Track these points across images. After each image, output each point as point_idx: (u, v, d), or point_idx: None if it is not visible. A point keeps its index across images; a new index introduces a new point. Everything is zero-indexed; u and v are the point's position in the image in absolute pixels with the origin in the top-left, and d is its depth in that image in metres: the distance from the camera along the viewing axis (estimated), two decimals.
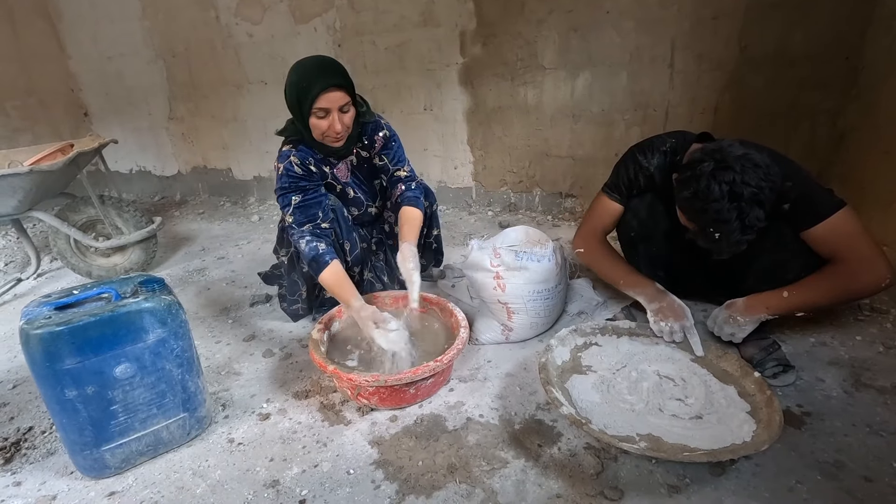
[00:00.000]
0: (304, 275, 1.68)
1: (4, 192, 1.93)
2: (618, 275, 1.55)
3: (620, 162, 1.53)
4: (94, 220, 2.37)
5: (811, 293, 1.29)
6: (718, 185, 1.13)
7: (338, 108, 1.42)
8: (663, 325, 1.40)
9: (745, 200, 1.12)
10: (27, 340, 1.04)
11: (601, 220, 1.59)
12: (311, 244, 1.47)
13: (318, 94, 1.37)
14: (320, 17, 2.93)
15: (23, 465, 1.25)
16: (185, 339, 1.22)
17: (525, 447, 1.19)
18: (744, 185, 1.12)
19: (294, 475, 1.15)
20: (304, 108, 1.41)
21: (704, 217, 1.18)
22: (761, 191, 1.12)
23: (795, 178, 1.25)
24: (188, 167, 3.87)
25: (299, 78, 1.41)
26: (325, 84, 1.37)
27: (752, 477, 1.06)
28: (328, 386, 1.46)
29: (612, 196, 1.55)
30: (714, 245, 1.22)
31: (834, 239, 1.23)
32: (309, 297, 1.78)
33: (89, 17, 3.53)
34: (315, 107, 1.39)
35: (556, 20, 2.46)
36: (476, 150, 2.94)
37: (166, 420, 1.21)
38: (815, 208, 1.25)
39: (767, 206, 1.14)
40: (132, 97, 3.73)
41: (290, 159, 1.51)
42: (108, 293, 1.17)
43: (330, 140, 1.49)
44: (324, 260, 1.45)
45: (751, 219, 1.13)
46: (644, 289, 1.48)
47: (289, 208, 1.51)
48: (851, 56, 2.06)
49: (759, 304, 1.35)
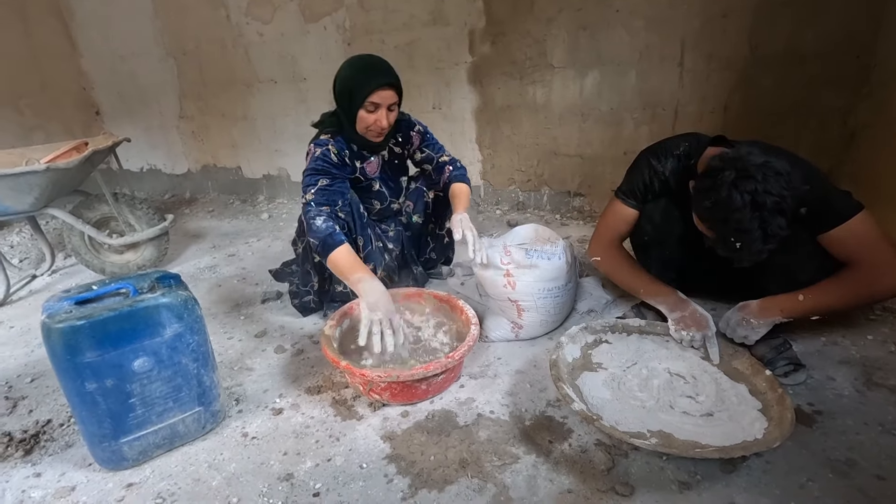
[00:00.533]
0: (317, 265, 1.70)
1: (21, 190, 1.96)
2: (638, 284, 1.54)
3: (634, 167, 1.51)
4: (107, 218, 2.40)
5: (827, 297, 1.28)
6: (740, 195, 1.11)
7: (386, 106, 1.52)
8: (685, 334, 1.38)
9: (768, 210, 1.10)
10: (49, 334, 1.06)
11: (617, 226, 1.57)
12: (328, 222, 1.48)
13: (373, 90, 1.47)
14: (330, 16, 2.95)
15: (42, 456, 1.28)
16: (201, 333, 1.23)
17: (536, 443, 1.20)
18: (766, 194, 1.09)
19: (308, 469, 1.17)
20: (355, 100, 1.50)
21: (725, 227, 1.16)
22: (783, 199, 1.10)
23: (812, 181, 1.23)
24: (198, 165, 3.90)
25: (356, 71, 1.51)
26: (381, 81, 1.48)
27: (763, 474, 1.07)
28: (340, 381, 1.47)
29: (628, 202, 1.53)
30: (735, 254, 1.20)
31: (852, 242, 1.22)
32: (320, 290, 1.80)
33: (101, 16, 3.57)
34: (368, 100, 1.49)
35: (565, 19, 2.47)
36: (484, 149, 2.95)
37: (182, 413, 1.23)
38: (833, 211, 1.23)
39: (789, 214, 1.13)
40: (143, 95, 3.77)
41: (329, 147, 1.58)
42: (127, 289, 1.19)
43: (372, 135, 1.58)
44: (338, 239, 1.46)
45: (773, 228, 1.11)
46: (666, 297, 1.46)
47: (313, 188, 1.54)
48: (863, 54, 2.05)
49: (774, 306, 1.34)
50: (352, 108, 1.52)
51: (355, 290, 1.41)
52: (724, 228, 1.18)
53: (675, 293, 1.46)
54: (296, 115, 3.34)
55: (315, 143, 1.61)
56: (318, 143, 1.60)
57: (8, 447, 1.30)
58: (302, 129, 3.38)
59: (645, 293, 1.52)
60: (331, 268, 1.48)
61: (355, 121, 1.55)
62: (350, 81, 1.51)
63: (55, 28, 3.65)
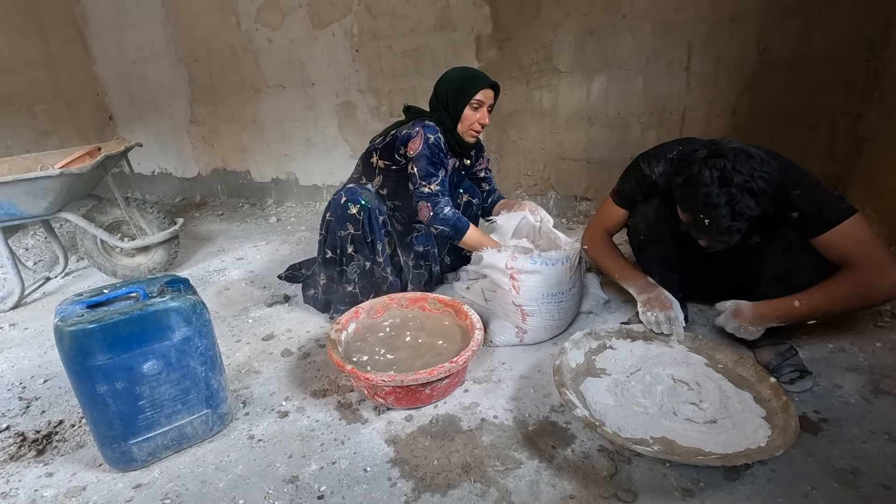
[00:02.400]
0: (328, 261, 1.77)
1: (36, 194, 2.00)
2: (614, 269, 1.62)
3: (628, 169, 1.57)
4: (119, 221, 2.44)
5: (823, 301, 1.27)
6: (710, 171, 1.16)
7: (487, 106, 1.72)
8: (650, 314, 1.44)
9: (735, 186, 1.14)
10: (61, 337, 1.09)
11: (605, 221, 1.67)
12: (455, 212, 1.72)
13: (481, 88, 1.67)
14: (338, 22, 2.98)
15: (54, 457, 1.30)
16: (209, 337, 1.26)
17: (539, 448, 1.20)
18: (735, 171, 1.14)
19: (313, 471, 1.19)
20: (463, 98, 1.68)
21: (695, 202, 1.20)
22: (753, 179, 1.13)
23: (804, 185, 1.25)
24: (208, 169, 3.95)
25: (464, 75, 1.71)
26: (487, 81, 1.69)
27: (766, 482, 1.06)
28: (345, 385, 1.49)
29: (617, 201, 1.62)
30: (704, 233, 1.23)
31: (845, 245, 1.22)
32: (327, 289, 1.83)
33: (114, 24, 3.64)
34: (475, 98, 1.67)
35: (571, 24, 2.47)
36: (491, 153, 2.95)
37: (190, 416, 1.25)
38: (825, 215, 1.23)
39: (761, 197, 1.15)
40: (155, 101, 3.83)
41: (439, 134, 1.71)
42: (137, 292, 1.21)
43: (471, 134, 1.75)
44: (465, 221, 1.72)
45: (741, 206, 1.14)
46: (636, 281, 1.54)
47: (436, 178, 1.70)
48: (873, 58, 2.04)
49: (770, 312, 1.34)
50: (458, 105, 1.69)
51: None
52: (694, 204, 1.21)
53: (645, 277, 1.54)
54: (304, 119, 3.38)
55: (425, 128, 1.69)
56: (428, 128, 1.69)
57: (21, 447, 1.33)
58: (310, 134, 3.42)
59: (619, 277, 1.60)
60: (465, 246, 1.75)
61: (458, 119, 1.71)
62: (458, 82, 1.69)
63: (70, 36, 3.72)
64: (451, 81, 1.71)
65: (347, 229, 1.68)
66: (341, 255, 1.74)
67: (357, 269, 1.75)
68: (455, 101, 1.69)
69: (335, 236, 1.71)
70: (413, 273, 1.88)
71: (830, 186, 2.28)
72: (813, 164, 2.26)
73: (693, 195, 1.20)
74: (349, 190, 1.70)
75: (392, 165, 1.77)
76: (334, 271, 1.77)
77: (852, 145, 2.18)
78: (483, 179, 2.03)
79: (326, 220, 1.73)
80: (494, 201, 2.03)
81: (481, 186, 2.03)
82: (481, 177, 2.02)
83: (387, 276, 1.79)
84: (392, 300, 1.68)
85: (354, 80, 3.11)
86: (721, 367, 1.35)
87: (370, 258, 1.73)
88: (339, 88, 3.17)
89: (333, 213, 1.70)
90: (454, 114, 1.71)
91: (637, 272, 1.58)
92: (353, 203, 1.67)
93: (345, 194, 1.68)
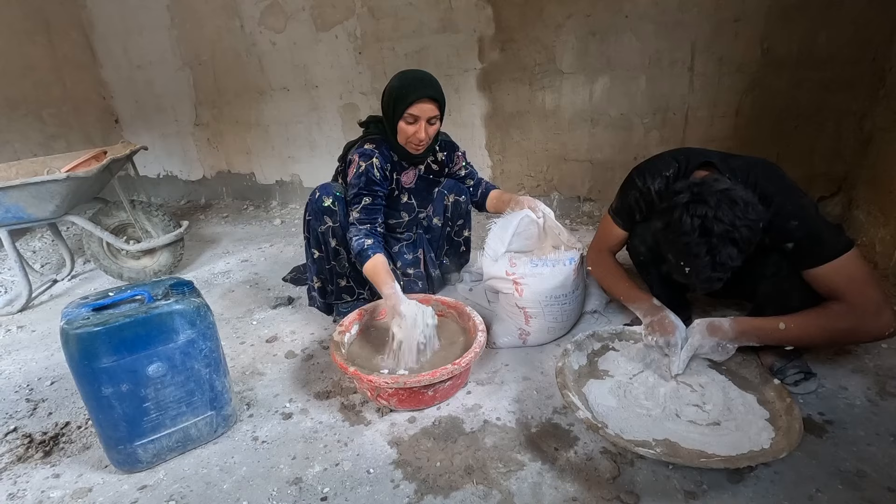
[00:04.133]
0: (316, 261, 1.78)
1: (43, 198, 2.03)
2: (619, 291, 1.55)
3: (624, 186, 1.50)
4: (125, 224, 2.46)
5: (809, 330, 1.21)
6: (690, 219, 1.10)
7: (426, 119, 1.56)
8: (650, 339, 1.39)
9: (716, 236, 1.08)
10: (67, 340, 1.10)
11: (607, 241, 1.60)
12: (360, 240, 1.59)
13: (413, 102, 1.52)
14: (341, 24, 2.99)
15: (61, 458, 1.32)
16: (213, 339, 1.27)
17: (541, 450, 1.20)
18: (716, 220, 1.07)
19: (316, 473, 1.19)
20: (397, 111, 1.56)
21: (675, 249, 1.16)
22: (735, 229, 1.07)
23: (801, 216, 1.19)
24: (213, 172, 3.98)
25: (400, 84, 1.57)
26: (421, 94, 1.53)
27: (770, 485, 1.06)
28: (349, 387, 1.50)
29: (617, 221, 1.54)
30: (686, 279, 1.19)
31: (839, 281, 1.17)
32: (323, 291, 1.85)
33: (120, 28, 3.67)
34: (407, 112, 1.54)
35: (574, 25, 2.47)
36: (494, 155, 2.96)
37: (195, 417, 1.26)
38: (820, 249, 1.18)
39: (744, 245, 1.10)
40: (160, 104, 3.86)
41: (373, 161, 1.64)
42: (142, 295, 1.22)
43: (411, 147, 1.64)
44: (367, 254, 1.56)
45: (722, 256, 1.09)
46: (641, 304, 1.47)
47: (357, 206, 1.63)
48: (879, 57, 2.03)
49: (752, 330, 1.27)
50: (394, 118, 1.59)
51: (386, 303, 1.49)
52: (675, 251, 1.16)
53: (651, 300, 1.46)
54: (308, 122, 3.39)
55: (360, 153, 1.64)
56: (363, 154, 1.64)
57: (29, 448, 1.35)
58: (314, 136, 3.44)
59: (625, 299, 1.54)
60: (367, 277, 1.57)
61: (395, 132, 1.62)
62: (394, 92, 1.57)
63: (77, 40, 3.76)
64: (389, 91, 1.60)
65: (325, 223, 1.70)
66: (326, 250, 1.75)
67: (346, 261, 1.76)
68: (392, 113, 1.59)
69: (316, 233, 1.73)
70: (403, 280, 1.86)
71: (835, 186, 2.27)
72: (819, 163, 2.26)
73: (673, 243, 1.15)
74: (322, 186, 1.72)
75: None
76: (325, 270, 1.79)
77: (858, 145, 2.16)
78: (466, 176, 1.95)
79: (306, 221, 1.75)
80: (484, 193, 1.95)
81: (465, 182, 1.96)
82: (462, 175, 1.94)
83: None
84: None
85: (358, 83, 3.12)
86: (724, 368, 1.35)
87: None
88: (343, 90, 3.18)
89: (311, 210, 1.71)
90: (391, 126, 1.62)
91: (642, 294, 1.49)
92: (327, 195, 1.68)
93: (318, 190, 1.71)
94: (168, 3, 3.43)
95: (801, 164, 2.27)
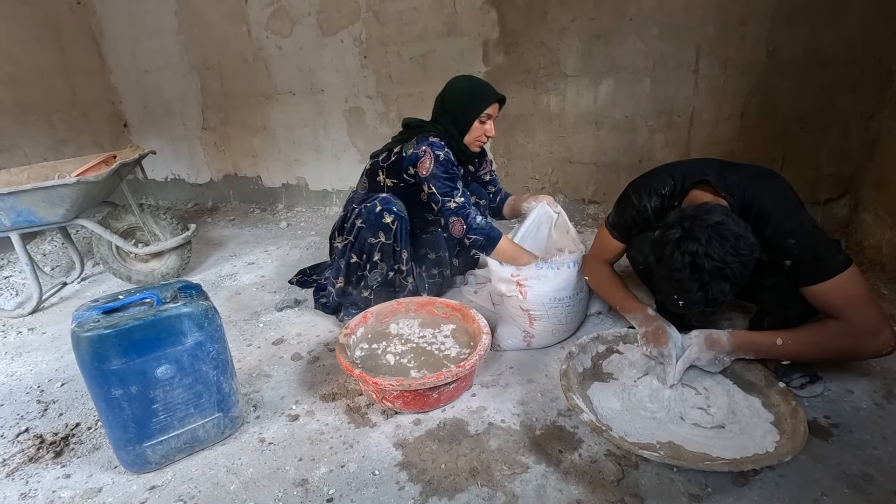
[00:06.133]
0: (350, 266, 1.77)
1: (54, 202, 2.06)
2: (615, 300, 1.56)
3: (620, 200, 1.49)
4: (133, 227, 2.49)
5: (806, 346, 1.21)
6: (682, 255, 1.09)
7: (494, 118, 1.73)
8: (645, 349, 1.39)
9: (708, 273, 1.08)
10: (78, 342, 1.12)
11: (606, 253, 1.59)
12: (488, 221, 1.72)
13: (491, 103, 1.68)
14: (347, 29, 3.01)
15: (71, 458, 1.34)
16: (221, 342, 1.28)
17: (546, 453, 1.21)
18: (706, 257, 1.07)
19: (322, 475, 1.20)
20: (472, 112, 1.68)
21: (668, 283, 1.16)
22: (727, 265, 1.07)
23: (800, 233, 1.18)
24: (220, 175, 4.02)
25: (473, 87, 1.72)
26: (497, 96, 1.70)
27: (775, 488, 1.06)
28: (354, 389, 1.51)
29: (614, 234, 1.53)
30: (680, 311, 1.19)
31: (836, 300, 1.17)
32: (342, 292, 1.84)
33: (129, 34, 3.72)
34: (485, 112, 1.68)
35: (578, 28, 2.48)
36: (499, 158, 2.97)
37: (202, 419, 1.28)
38: (817, 268, 1.17)
39: (736, 279, 1.09)
40: (168, 108, 3.90)
41: (447, 150, 1.70)
42: (151, 298, 1.24)
43: (477, 144, 1.77)
44: (498, 232, 1.70)
45: (714, 292, 1.09)
46: (636, 314, 1.46)
47: (458, 192, 1.71)
48: (885, 58, 2.01)
49: (749, 345, 1.27)
50: (468, 119, 1.69)
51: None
52: (668, 285, 1.17)
53: (646, 309, 1.45)
54: (313, 125, 3.42)
55: (430, 146, 1.68)
56: (434, 146, 1.68)
57: (40, 449, 1.37)
58: (319, 140, 3.46)
59: (621, 308, 1.53)
60: (497, 258, 1.67)
61: (466, 131, 1.71)
62: (468, 96, 1.69)
63: (87, 46, 3.82)
64: (461, 95, 1.71)
65: (379, 237, 1.69)
66: (367, 261, 1.74)
67: (379, 276, 1.76)
68: (465, 115, 1.69)
69: (364, 242, 1.70)
70: (428, 283, 1.90)
71: (842, 188, 2.26)
72: (825, 165, 2.25)
73: (666, 278, 1.16)
74: (383, 199, 1.69)
75: (400, 184, 1.75)
76: (354, 275, 1.78)
77: (865, 146, 2.15)
78: (489, 182, 2.06)
79: (357, 227, 1.70)
80: (502, 200, 2.07)
81: (487, 188, 2.05)
82: (486, 180, 2.05)
83: (406, 285, 1.80)
84: (400, 304, 1.70)
85: (363, 86, 3.14)
86: (729, 371, 1.34)
87: (393, 267, 1.75)
88: (348, 94, 3.21)
89: (366, 220, 1.68)
90: (463, 126, 1.71)
91: (638, 304, 1.49)
92: (388, 212, 1.67)
93: (379, 203, 1.67)
94: (176, 9, 3.47)
95: (807, 166, 2.26)
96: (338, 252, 1.81)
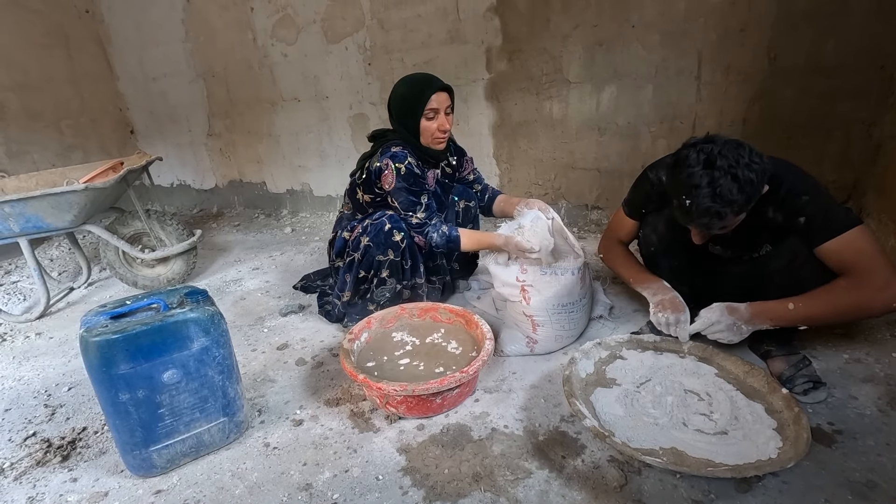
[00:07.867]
0: (358, 280, 1.78)
1: (62, 208, 2.08)
2: (629, 274, 1.62)
3: (637, 181, 1.58)
4: (140, 233, 2.52)
5: (818, 307, 1.26)
6: (697, 153, 1.18)
7: (443, 110, 1.66)
8: (660, 315, 1.44)
9: (718, 169, 1.14)
10: (86, 347, 1.13)
11: (619, 232, 1.69)
12: (438, 229, 1.71)
13: (430, 96, 1.61)
14: (351, 36, 3.04)
15: (78, 462, 1.35)
16: (226, 347, 1.29)
17: (549, 458, 1.21)
18: (721, 156, 1.14)
19: (326, 479, 1.21)
20: (416, 111, 1.64)
21: (678, 184, 1.21)
22: (738, 166, 1.13)
23: (813, 192, 1.25)
24: (225, 181, 4.05)
25: (409, 87, 1.66)
26: (434, 87, 1.63)
27: (778, 494, 1.06)
28: (358, 394, 1.51)
29: (628, 211, 1.63)
30: (687, 216, 1.22)
31: (848, 255, 1.22)
32: (348, 303, 1.85)
33: (136, 42, 3.77)
34: (427, 108, 1.62)
35: (581, 35, 2.50)
36: (502, 164, 2.98)
37: (208, 424, 1.29)
38: (830, 223, 1.23)
39: (745, 185, 1.14)
40: (174, 115, 3.94)
41: (409, 160, 1.67)
42: (158, 304, 1.26)
43: (436, 142, 1.71)
44: (454, 235, 1.71)
45: (722, 189, 1.14)
46: (650, 284, 1.53)
47: (420, 207, 1.70)
48: (887, 64, 2.02)
49: (764, 314, 1.32)
50: (414, 119, 1.65)
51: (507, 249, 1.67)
52: (678, 186, 1.21)
53: (660, 281, 1.53)
54: (318, 132, 3.45)
55: (392, 158, 1.65)
56: (396, 157, 1.65)
57: (47, 453, 1.38)
58: (324, 146, 3.49)
59: (634, 282, 1.60)
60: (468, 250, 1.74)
61: (419, 133, 1.68)
62: (406, 96, 1.65)
63: (94, 53, 3.87)
64: (400, 97, 1.68)
65: (388, 255, 1.70)
66: (374, 277, 1.75)
67: (388, 291, 1.77)
68: (408, 116, 1.66)
69: (372, 259, 1.71)
70: (428, 288, 1.90)
71: (845, 195, 2.26)
72: (828, 171, 2.25)
73: (678, 177, 1.21)
74: (392, 217, 1.70)
75: (376, 198, 1.76)
76: (361, 289, 1.81)
77: (867, 152, 2.15)
78: (474, 181, 2.02)
79: (364, 245, 1.71)
80: (491, 197, 2.02)
81: (473, 187, 2.02)
82: (471, 179, 2.01)
83: (423, 296, 1.83)
84: (404, 310, 1.71)
85: (367, 93, 3.17)
86: (732, 377, 1.35)
87: (402, 282, 1.77)
88: (353, 101, 3.23)
89: (374, 238, 1.69)
90: (412, 129, 1.68)
91: (653, 276, 1.56)
92: (398, 230, 1.69)
93: (388, 221, 1.69)
94: (183, 17, 3.51)
95: (809, 172, 2.25)
96: (345, 265, 1.82)
